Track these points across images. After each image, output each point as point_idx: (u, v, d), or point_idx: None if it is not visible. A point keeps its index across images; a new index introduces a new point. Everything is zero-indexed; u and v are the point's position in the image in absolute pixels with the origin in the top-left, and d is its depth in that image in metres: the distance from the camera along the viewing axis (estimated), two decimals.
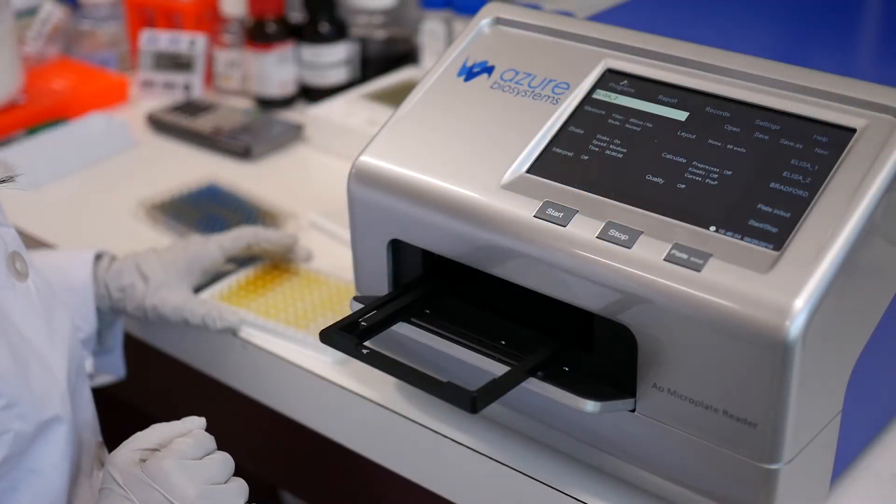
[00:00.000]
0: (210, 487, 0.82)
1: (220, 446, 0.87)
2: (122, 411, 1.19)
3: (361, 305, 0.90)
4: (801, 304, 0.72)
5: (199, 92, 1.62)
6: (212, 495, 0.81)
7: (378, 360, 0.85)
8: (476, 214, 0.86)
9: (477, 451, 0.92)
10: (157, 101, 1.60)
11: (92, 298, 1.07)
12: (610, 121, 0.87)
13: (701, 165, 0.82)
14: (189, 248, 1.11)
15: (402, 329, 0.90)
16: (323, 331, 0.88)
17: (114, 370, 1.14)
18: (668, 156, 0.84)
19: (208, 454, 0.84)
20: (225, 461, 0.84)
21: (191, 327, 1.07)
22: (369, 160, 0.92)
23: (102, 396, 1.06)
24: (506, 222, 0.84)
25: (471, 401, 0.79)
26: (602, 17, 1.03)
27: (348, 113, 1.46)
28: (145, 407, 1.29)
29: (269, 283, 1.13)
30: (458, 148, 0.90)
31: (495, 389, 0.81)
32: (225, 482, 0.83)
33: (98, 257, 1.11)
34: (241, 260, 1.16)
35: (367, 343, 0.87)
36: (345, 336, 0.87)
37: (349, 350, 0.86)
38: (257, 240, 1.13)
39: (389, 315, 0.90)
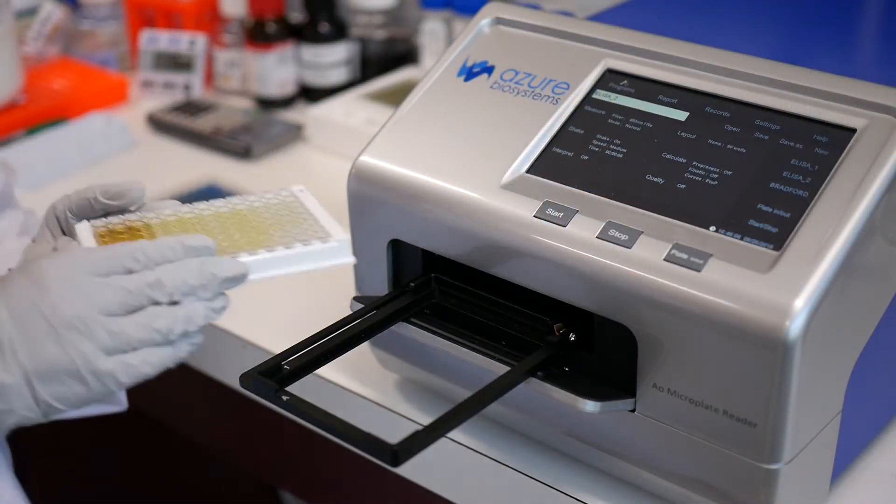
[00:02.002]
0: (99, 318, 0.69)
1: (221, 447, 0.86)
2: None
3: (361, 305, 0.90)
4: (801, 304, 0.72)
5: (199, 92, 1.63)
6: (91, 327, 0.69)
7: (297, 408, 0.78)
8: (476, 214, 0.86)
9: (477, 451, 0.92)
10: (157, 101, 1.60)
11: None
12: (610, 121, 0.87)
13: (701, 165, 0.82)
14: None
15: (402, 329, 0.90)
16: (243, 375, 0.80)
17: (115, 402, 1.02)
18: (668, 156, 0.84)
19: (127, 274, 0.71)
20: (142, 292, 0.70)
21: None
22: (369, 160, 0.92)
23: None
24: (506, 222, 0.84)
25: (391, 454, 0.74)
26: (602, 17, 1.03)
27: (348, 113, 1.46)
28: (138, 405, 1.29)
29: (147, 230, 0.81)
30: (458, 148, 0.90)
31: (417, 442, 0.75)
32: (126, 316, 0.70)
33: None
34: None
35: (289, 388, 0.80)
36: (264, 382, 0.80)
37: (268, 397, 0.79)
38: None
39: (314, 358, 0.83)
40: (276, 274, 0.76)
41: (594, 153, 0.86)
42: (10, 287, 0.70)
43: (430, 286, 0.92)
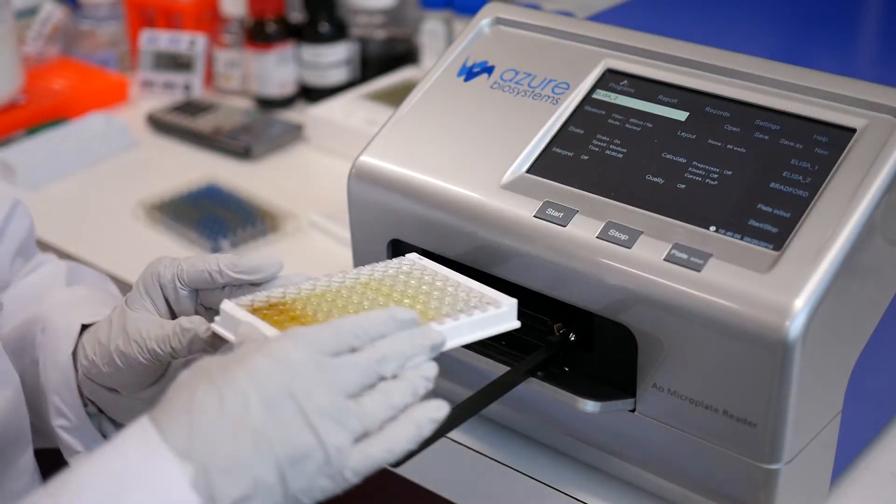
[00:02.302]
0: (347, 403, 0.65)
1: None
2: None
3: None
4: (801, 304, 0.72)
5: (199, 92, 1.62)
6: (343, 416, 0.64)
7: None
8: (476, 214, 0.86)
9: (477, 451, 0.92)
10: (157, 101, 1.60)
11: (73, 380, 0.87)
12: (610, 121, 0.87)
13: (701, 165, 0.82)
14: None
15: None
16: None
17: None
18: (668, 156, 0.84)
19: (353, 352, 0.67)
20: (372, 368, 0.67)
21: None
22: (369, 160, 0.92)
23: None
24: (506, 222, 0.84)
25: None
26: (602, 17, 1.03)
27: (348, 113, 1.46)
28: None
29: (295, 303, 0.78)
30: (458, 148, 0.90)
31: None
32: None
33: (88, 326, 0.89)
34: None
35: None
36: None
37: None
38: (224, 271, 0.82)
39: None
40: (459, 343, 0.75)
41: (594, 153, 0.86)
42: (254, 369, 0.65)
43: None
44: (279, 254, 1.23)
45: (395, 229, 0.91)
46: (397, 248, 0.93)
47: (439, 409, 0.68)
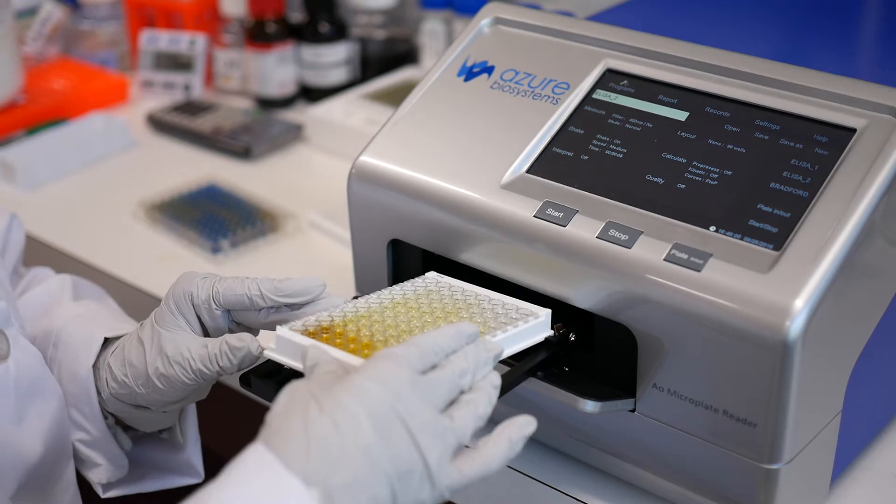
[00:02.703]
0: (443, 419, 0.68)
1: (221, 446, 0.86)
2: None
3: None
4: (801, 304, 0.72)
5: (199, 92, 1.62)
6: (440, 429, 0.68)
7: None
8: (476, 214, 0.86)
9: None
10: (157, 101, 1.60)
11: (93, 393, 0.87)
12: (610, 121, 0.87)
13: (701, 165, 0.82)
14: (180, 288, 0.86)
15: None
16: (242, 375, 0.81)
17: (188, 471, 0.94)
18: (668, 156, 0.84)
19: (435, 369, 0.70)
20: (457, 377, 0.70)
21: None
22: (369, 160, 0.92)
23: None
24: (506, 222, 0.84)
25: None
26: (602, 17, 1.03)
27: (348, 113, 1.46)
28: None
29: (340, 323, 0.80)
30: (458, 148, 0.90)
31: None
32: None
33: (110, 340, 0.89)
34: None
35: None
36: (264, 383, 0.80)
37: (268, 397, 0.78)
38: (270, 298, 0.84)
39: None
40: (510, 353, 0.79)
41: (594, 153, 0.86)
42: (360, 390, 0.67)
43: None
44: (279, 254, 1.23)
45: (395, 229, 0.91)
46: (397, 248, 0.93)
47: (529, 425, 0.72)
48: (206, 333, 0.85)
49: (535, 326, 0.81)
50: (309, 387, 0.68)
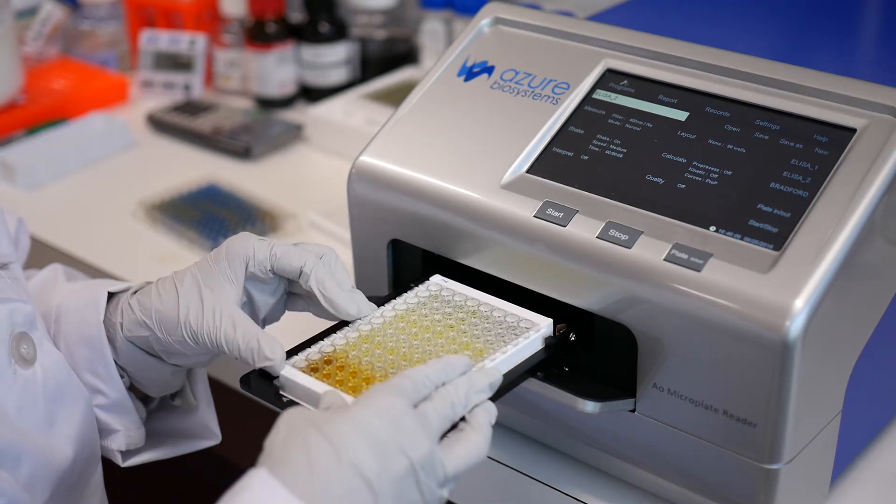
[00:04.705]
0: (438, 450, 0.70)
1: (222, 446, 0.86)
2: None
3: None
4: (801, 304, 0.72)
5: (199, 92, 1.62)
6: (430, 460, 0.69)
7: None
8: (476, 214, 0.86)
9: None
10: (157, 101, 1.60)
11: (107, 350, 0.87)
12: (610, 121, 0.87)
13: (701, 165, 0.82)
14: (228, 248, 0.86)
15: None
16: (243, 377, 0.81)
17: (205, 433, 0.94)
18: (668, 156, 0.84)
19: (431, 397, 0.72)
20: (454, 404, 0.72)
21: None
22: (369, 160, 0.92)
23: None
24: (506, 222, 0.84)
25: None
26: (602, 17, 1.03)
27: (348, 113, 1.46)
28: None
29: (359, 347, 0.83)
30: (458, 148, 0.90)
31: None
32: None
33: (115, 294, 0.89)
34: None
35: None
36: (264, 383, 0.80)
37: (268, 398, 0.79)
38: (318, 284, 0.84)
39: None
40: (508, 369, 0.80)
41: (594, 153, 0.86)
42: (360, 421, 0.69)
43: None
44: None
45: (395, 229, 0.91)
46: (397, 248, 0.93)
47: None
48: (248, 297, 0.85)
49: (536, 339, 0.82)
50: (309, 416, 0.70)
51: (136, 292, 0.87)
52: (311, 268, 0.83)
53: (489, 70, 0.94)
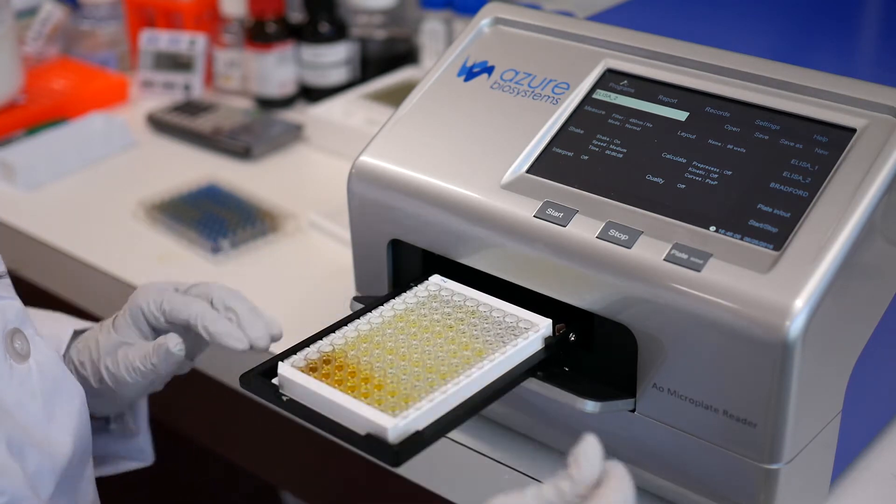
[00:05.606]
0: None
1: (222, 446, 0.86)
2: None
3: (361, 305, 0.90)
4: (801, 304, 0.72)
5: (199, 92, 1.62)
6: None
7: (297, 408, 0.78)
8: (476, 214, 0.86)
9: (477, 451, 0.92)
10: (157, 101, 1.60)
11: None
12: (610, 121, 0.87)
13: (701, 165, 0.82)
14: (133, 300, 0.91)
15: None
16: (243, 375, 0.81)
17: (139, 456, 1.00)
18: (668, 156, 0.84)
19: None
20: None
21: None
22: (369, 160, 0.92)
23: None
24: (506, 222, 0.84)
25: (392, 454, 0.73)
26: (602, 17, 1.03)
27: (348, 113, 1.46)
28: None
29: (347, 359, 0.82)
30: (458, 148, 0.90)
31: (418, 443, 0.74)
32: None
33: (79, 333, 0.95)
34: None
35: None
36: (264, 382, 0.80)
37: (268, 397, 0.79)
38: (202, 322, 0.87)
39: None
40: (507, 368, 0.81)
41: (594, 153, 0.86)
42: None
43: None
44: (279, 254, 1.23)
45: (395, 229, 0.91)
46: (397, 248, 0.93)
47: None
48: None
49: (535, 340, 0.82)
50: None
51: (77, 344, 0.93)
52: (196, 319, 0.87)
53: (489, 70, 0.94)
